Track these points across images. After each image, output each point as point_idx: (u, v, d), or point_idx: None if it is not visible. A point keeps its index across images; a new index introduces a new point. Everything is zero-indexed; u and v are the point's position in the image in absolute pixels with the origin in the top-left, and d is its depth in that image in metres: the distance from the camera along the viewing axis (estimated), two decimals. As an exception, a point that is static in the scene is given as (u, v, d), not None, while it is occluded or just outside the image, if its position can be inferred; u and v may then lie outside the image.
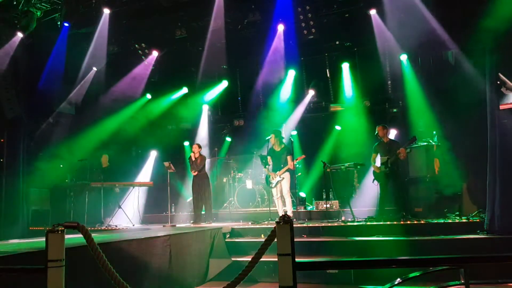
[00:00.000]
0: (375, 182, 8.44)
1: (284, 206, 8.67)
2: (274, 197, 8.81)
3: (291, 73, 12.19)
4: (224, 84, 13.01)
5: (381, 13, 10.12)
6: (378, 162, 8.46)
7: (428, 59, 10.35)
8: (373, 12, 10.20)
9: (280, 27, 11.07)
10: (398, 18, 9.76)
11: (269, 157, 8.86)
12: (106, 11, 9.96)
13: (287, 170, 8.58)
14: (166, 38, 11.56)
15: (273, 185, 8.67)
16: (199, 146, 10.00)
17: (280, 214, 8.39)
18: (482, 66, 6.73)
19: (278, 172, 8.59)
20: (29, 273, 3.42)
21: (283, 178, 8.56)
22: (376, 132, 8.51)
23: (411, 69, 10.61)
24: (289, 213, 8.47)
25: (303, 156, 9.23)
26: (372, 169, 8.58)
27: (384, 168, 8.20)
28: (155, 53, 12.01)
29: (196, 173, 9.73)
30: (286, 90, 12.28)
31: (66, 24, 10.15)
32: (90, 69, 11.69)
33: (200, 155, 9.86)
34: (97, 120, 11.97)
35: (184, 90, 13.17)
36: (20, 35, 9.81)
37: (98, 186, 9.94)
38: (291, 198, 8.83)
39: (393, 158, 8.06)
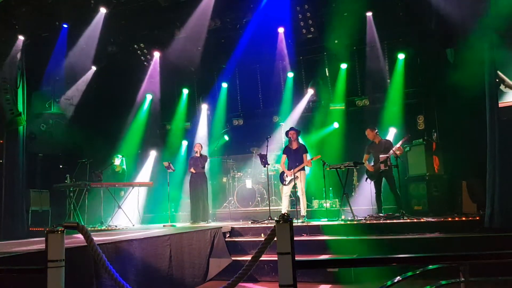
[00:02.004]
0: (368, 180, 8.48)
1: (288, 205, 8.68)
2: (284, 194, 8.76)
3: (290, 74, 12.20)
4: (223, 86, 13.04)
5: (378, 13, 10.14)
6: (371, 162, 8.51)
7: (428, 57, 10.36)
8: (369, 13, 10.23)
9: (279, 27, 11.07)
10: (397, 16, 9.79)
11: (284, 155, 8.82)
12: (103, 11, 9.89)
13: (303, 168, 8.57)
14: (165, 38, 11.54)
15: (286, 183, 8.65)
16: (201, 146, 10.06)
17: (284, 212, 8.37)
18: (481, 64, 6.73)
19: (294, 169, 8.57)
20: (29, 273, 3.41)
21: (298, 176, 8.55)
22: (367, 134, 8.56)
23: (412, 67, 10.61)
24: (303, 213, 8.47)
25: (319, 156, 9.18)
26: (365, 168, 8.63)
27: (384, 167, 8.23)
28: (157, 54, 12.02)
29: (194, 171, 9.75)
30: (285, 91, 12.29)
31: (65, 26, 10.13)
32: (88, 68, 11.70)
33: (202, 154, 9.91)
34: (97, 120, 11.99)
35: (184, 90, 13.17)
36: (21, 38, 9.80)
37: (98, 186, 9.94)
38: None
39: (386, 158, 8.09)
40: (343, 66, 11.65)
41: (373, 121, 10.18)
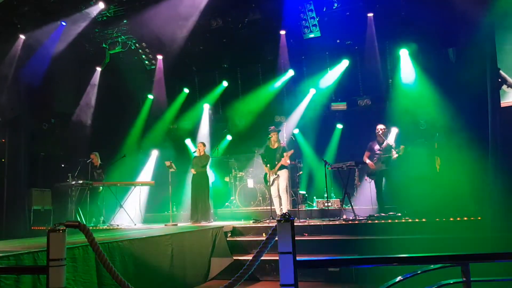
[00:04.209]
0: (368, 179, 8.48)
1: (281, 205, 8.63)
2: (272, 195, 8.75)
3: (291, 72, 12.19)
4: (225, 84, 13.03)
5: (379, 13, 10.13)
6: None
7: (429, 57, 10.34)
8: (370, 14, 10.22)
9: (281, 26, 11.07)
10: (398, 16, 9.76)
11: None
12: (101, 5, 9.76)
13: (284, 167, 8.57)
14: (167, 37, 11.53)
15: (270, 183, 8.64)
16: (204, 145, 10.02)
17: (278, 213, 8.40)
18: (483, 63, 6.72)
19: (273, 170, 8.57)
20: (31, 272, 3.43)
21: (278, 175, 8.55)
22: (378, 131, 8.53)
23: (412, 67, 10.60)
24: (284, 211, 8.44)
25: (292, 151, 9.17)
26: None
27: (385, 166, 8.23)
28: (159, 53, 12.05)
29: (194, 171, 9.76)
30: (286, 89, 12.30)
31: (63, 23, 10.08)
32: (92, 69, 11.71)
33: (205, 153, 9.90)
34: (99, 119, 12.00)
35: (186, 89, 13.18)
36: (22, 37, 9.80)
37: (100, 185, 9.94)
38: (290, 196, 8.81)
39: (385, 157, 8.08)
40: (345, 65, 11.64)
41: (375, 120, 10.16)
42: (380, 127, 8.60)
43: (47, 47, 10.27)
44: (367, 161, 8.49)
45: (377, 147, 8.48)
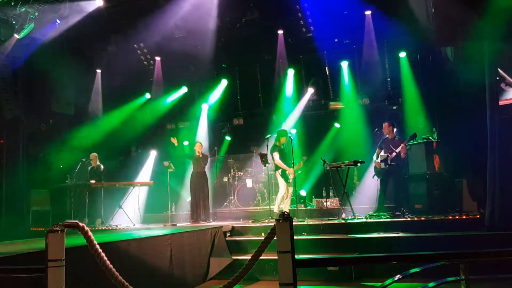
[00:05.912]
0: (375, 177, 8.45)
1: (281, 204, 8.61)
2: (282, 192, 8.63)
3: (290, 72, 12.19)
4: (223, 83, 12.99)
5: (378, 12, 10.15)
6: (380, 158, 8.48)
7: (428, 56, 10.35)
8: (368, 12, 10.23)
9: (279, 25, 11.07)
10: (396, 14, 9.77)
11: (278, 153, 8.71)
12: (99, 2, 9.69)
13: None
14: (165, 37, 11.53)
15: (290, 180, 8.62)
16: (202, 145, 10.05)
17: (276, 210, 8.39)
18: (481, 61, 6.72)
19: (294, 167, 8.58)
20: (30, 273, 3.42)
21: (295, 175, 8.64)
22: (382, 128, 8.52)
23: (411, 66, 10.62)
24: (287, 210, 8.47)
25: (305, 157, 9.34)
26: (373, 165, 8.59)
27: (384, 165, 8.22)
28: (157, 53, 12.04)
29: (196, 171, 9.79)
30: (285, 89, 12.29)
31: (58, 21, 10.02)
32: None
33: (203, 153, 9.91)
34: (97, 120, 11.99)
35: (184, 89, 13.17)
36: (16, 36, 9.77)
37: (99, 186, 9.93)
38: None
39: (393, 155, 8.07)
40: (343, 64, 11.65)
41: (373, 120, 10.18)
42: (387, 123, 8.55)
43: (44, 46, 10.24)
44: (375, 159, 8.48)
45: (387, 144, 8.39)
